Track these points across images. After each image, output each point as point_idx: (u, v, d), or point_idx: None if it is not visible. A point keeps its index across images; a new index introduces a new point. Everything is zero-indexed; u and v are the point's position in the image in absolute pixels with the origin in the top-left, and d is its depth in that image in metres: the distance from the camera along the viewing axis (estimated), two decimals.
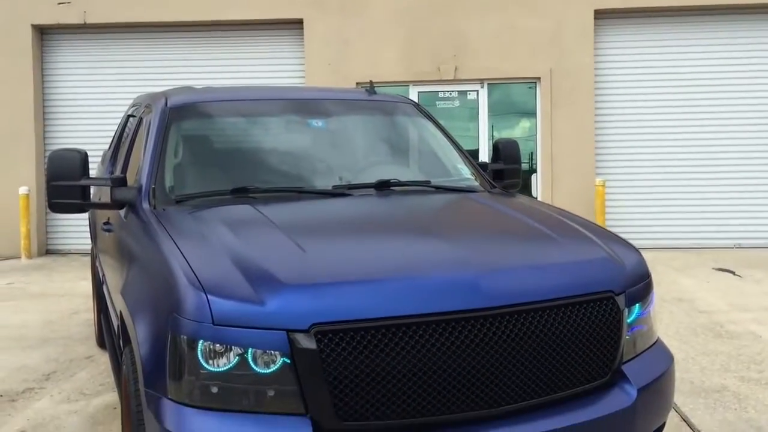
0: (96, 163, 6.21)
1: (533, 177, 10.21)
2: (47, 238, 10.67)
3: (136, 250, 2.92)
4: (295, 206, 3.17)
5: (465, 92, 10.31)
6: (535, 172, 10.25)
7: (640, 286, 2.64)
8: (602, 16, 10.08)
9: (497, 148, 4.11)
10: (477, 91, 10.28)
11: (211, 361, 2.09)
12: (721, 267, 8.53)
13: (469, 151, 4.28)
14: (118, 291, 2.93)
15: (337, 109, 4.02)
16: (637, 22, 10.19)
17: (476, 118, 10.30)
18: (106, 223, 4.02)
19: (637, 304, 2.62)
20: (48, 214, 10.59)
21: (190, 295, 2.15)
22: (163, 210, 3.07)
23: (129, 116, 4.87)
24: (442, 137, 4.13)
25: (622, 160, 10.23)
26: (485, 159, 9.61)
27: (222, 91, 4.23)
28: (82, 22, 10.30)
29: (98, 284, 4.90)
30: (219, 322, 2.09)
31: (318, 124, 3.92)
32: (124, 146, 4.40)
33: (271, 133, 3.92)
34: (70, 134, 10.59)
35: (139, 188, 3.25)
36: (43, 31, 10.62)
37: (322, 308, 2.11)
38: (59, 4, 10.29)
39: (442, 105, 10.28)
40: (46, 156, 7.95)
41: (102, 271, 4.43)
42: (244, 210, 2.96)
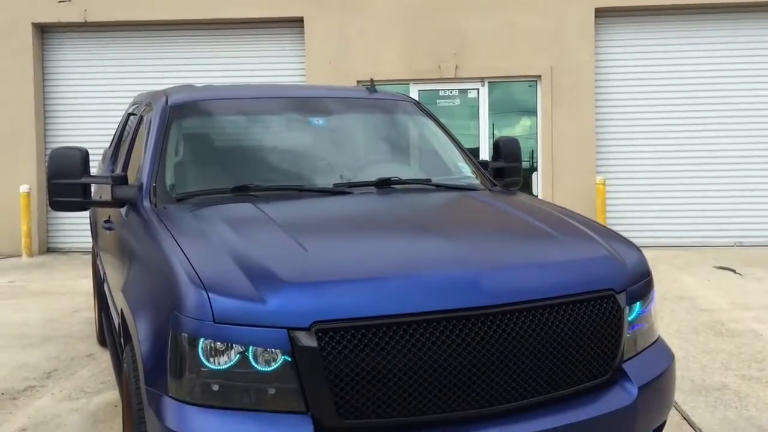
0: (97, 161, 6.21)
1: (534, 175, 10.21)
2: (48, 237, 10.68)
3: (137, 248, 2.92)
4: (296, 204, 3.17)
5: (465, 90, 10.30)
6: (535, 170, 10.24)
7: (640, 284, 2.64)
8: (603, 14, 10.08)
9: (498, 146, 4.11)
10: (477, 90, 10.27)
11: (212, 359, 2.09)
12: (722, 265, 8.52)
13: (469, 150, 4.28)
14: (119, 289, 2.93)
15: (338, 107, 4.02)
16: (638, 20, 10.18)
17: (477, 117, 10.29)
18: (106, 222, 4.02)
19: (638, 303, 2.61)
20: (49, 213, 10.60)
21: (191, 293, 2.15)
22: (164, 208, 3.06)
23: (130, 114, 4.87)
24: (442, 135, 4.12)
25: (622, 159, 10.22)
26: (486, 157, 9.62)
27: (223, 90, 4.22)
28: (83, 20, 10.30)
29: (99, 282, 4.90)
30: (220, 320, 2.09)
31: (319, 122, 3.91)
32: (125, 144, 4.40)
33: (272, 131, 3.92)
34: (70, 132, 10.60)
35: (140, 186, 3.25)
36: (44, 30, 10.62)
37: (323, 306, 2.11)
38: (60, 2, 10.29)
39: (442, 103, 10.27)
40: (47, 154, 7.96)
41: (103, 269, 4.44)
42: (245, 208, 2.96)
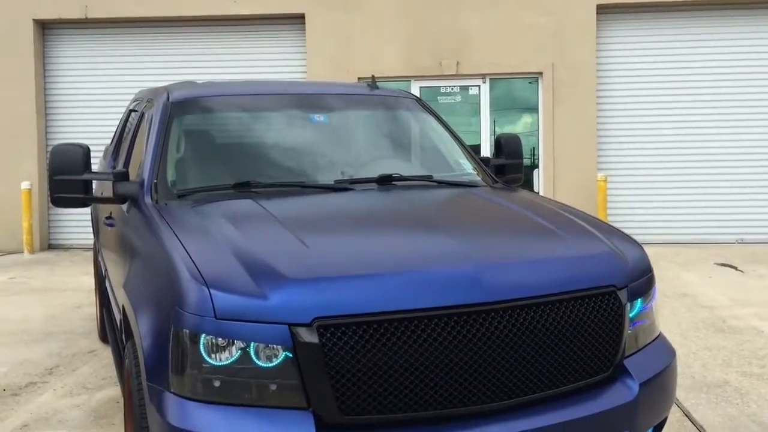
0: (98, 157, 6.21)
1: (535, 172, 10.21)
2: (49, 233, 10.69)
3: (139, 245, 2.92)
4: (297, 201, 3.17)
5: (467, 87, 10.30)
6: (537, 167, 10.24)
7: (642, 281, 2.64)
8: (604, 11, 10.06)
9: (499, 142, 4.11)
10: (479, 86, 10.26)
11: (213, 355, 2.10)
12: (723, 262, 8.52)
13: (470, 147, 4.27)
14: (121, 285, 2.93)
15: (339, 103, 4.02)
16: (639, 17, 10.17)
17: (478, 114, 10.28)
18: (108, 218, 4.03)
19: (639, 299, 2.61)
20: (50, 209, 10.61)
21: (193, 289, 2.15)
22: (165, 204, 3.07)
23: (131, 111, 4.87)
24: (444, 132, 4.12)
25: (624, 155, 10.22)
26: (487, 154, 9.62)
27: (224, 86, 4.22)
28: (84, 16, 10.30)
29: (100, 279, 4.91)
30: (221, 316, 2.09)
31: (320, 118, 3.91)
32: (126, 141, 4.40)
33: (273, 127, 3.91)
34: (71, 129, 10.60)
35: (141, 183, 3.25)
36: (45, 26, 10.62)
37: (325, 302, 2.11)
38: None
39: (443, 100, 10.27)
40: (48, 151, 7.96)
41: (104, 265, 4.44)
42: (246, 204, 2.96)
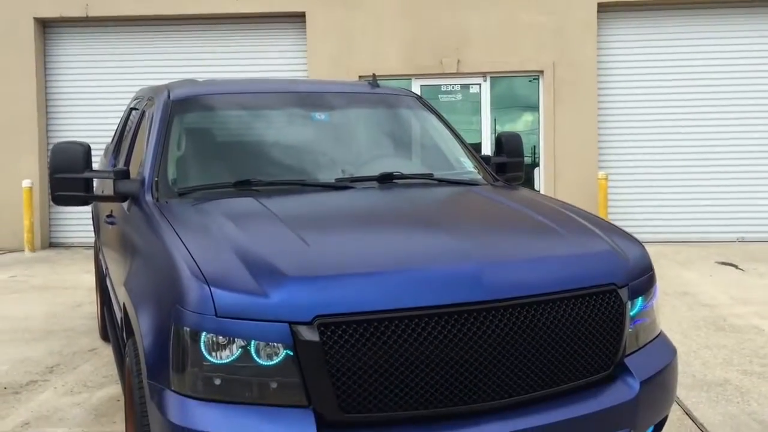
0: (99, 156, 6.21)
1: (536, 170, 10.21)
2: (50, 231, 10.69)
3: (139, 243, 2.92)
4: (298, 199, 3.17)
5: (467, 86, 10.29)
6: (537, 165, 10.24)
7: (643, 279, 2.64)
8: (605, 9, 10.05)
9: (500, 141, 4.11)
10: (479, 85, 10.25)
11: (214, 353, 2.10)
12: (724, 261, 8.52)
13: (471, 145, 4.27)
14: (122, 283, 2.93)
15: (340, 102, 4.02)
16: (640, 16, 10.16)
17: (479, 112, 10.27)
18: (109, 216, 4.03)
19: (640, 297, 2.61)
20: (51, 207, 10.62)
21: (194, 287, 2.15)
22: (166, 202, 3.07)
23: (132, 109, 4.86)
24: (445, 130, 4.12)
25: (624, 154, 10.21)
26: (488, 152, 9.61)
27: (224, 84, 4.22)
28: (85, 15, 10.30)
29: (101, 277, 4.91)
30: (222, 314, 2.09)
31: (321, 116, 3.91)
32: (127, 139, 4.40)
33: (274, 125, 3.91)
34: (72, 127, 10.60)
35: (142, 181, 3.25)
36: (46, 24, 10.62)
37: (325, 301, 2.11)
38: None
39: (444, 98, 10.26)
40: (49, 149, 7.96)
41: (105, 263, 4.44)
42: (247, 203, 2.96)
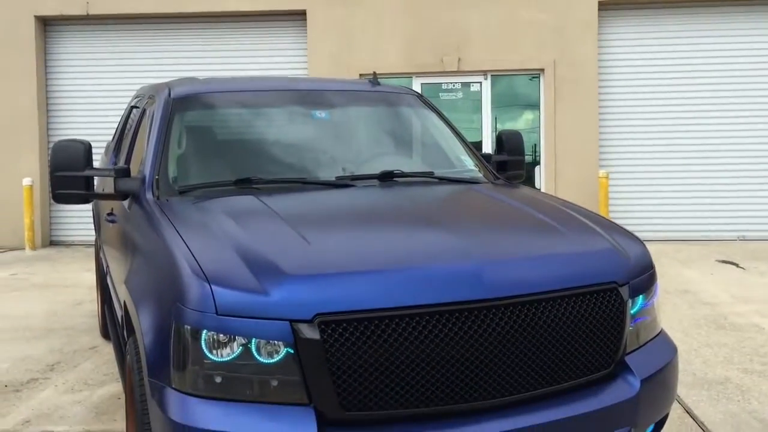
0: (99, 154, 6.21)
1: (537, 168, 10.20)
2: (51, 229, 10.69)
3: (140, 241, 2.92)
4: (299, 197, 3.17)
5: (468, 84, 10.28)
6: (538, 163, 10.23)
7: (643, 278, 2.64)
8: (606, 7, 10.04)
9: (501, 139, 4.10)
10: (480, 83, 10.24)
11: (214, 351, 2.10)
12: (725, 259, 8.52)
13: (472, 143, 4.27)
14: (122, 281, 2.93)
15: (341, 100, 4.01)
16: (641, 14, 10.14)
17: (479, 110, 10.27)
18: (109, 214, 4.03)
19: (641, 296, 2.61)
20: (52, 206, 10.62)
21: (194, 285, 2.15)
22: (167, 201, 3.07)
23: (132, 107, 4.87)
24: (445, 128, 4.11)
25: (625, 152, 10.20)
26: (489, 150, 9.61)
27: (225, 82, 4.22)
28: (85, 13, 10.29)
29: (102, 275, 4.91)
30: (223, 312, 2.09)
31: (321, 114, 3.91)
32: (128, 137, 4.40)
33: (275, 123, 3.91)
34: (73, 125, 10.60)
35: (143, 179, 3.25)
36: (46, 22, 10.61)
37: (326, 299, 2.11)
38: None
39: (445, 97, 10.25)
40: (50, 147, 7.96)
41: (106, 261, 4.44)
42: (248, 201, 2.96)
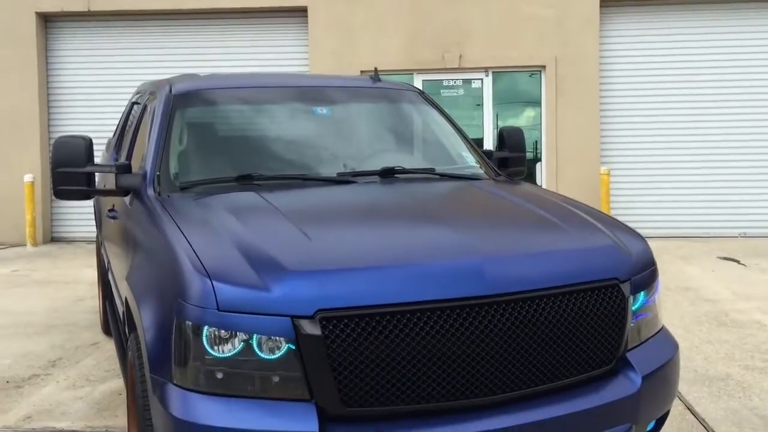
0: (101, 150, 6.21)
1: (538, 165, 10.20)
2: (52, 226, 10.70)
3: (141, 237, 2.92)
4: (300, 193, 3.17)
5: (469, 81, 10.27)
6: (539, 160, 10.23)
7: (645, 274, 2.64)
8: (607, 4, 10.02)
9: (502, 135, 4.11)
10: (481, 80, 10.24)
11: (216, 347, 2.10)
12: (726, 256, 8.51)
13: (473, 140, 4.27)
14: (124, 278, 2.93)
15: (342, 96, 4.01)
16: (643, 10, 10.13)
17: (481, 107, 10.26)
18: (111, 210, 4.03)
19: (642, 292, 2.61)
20: (53, 202, 10.63)
21: (195, 281, 2.16)
22: (168, 197, 3.07)
23: (133, 103, 4.86)
24: (446, 125, 4.11)
25: (626, 149, 10.20)
26: (490, 147, 9.60)
27: (226, 78, 4.22)
28: (87, 9, 10.29)
29: (103, 271, 4.92)
30: (224, 308, 2.09)
31: (323, 111, 3.90)
32: (129, 133, 4.40)
33: (276, 120, 3.91)
34: (74, 121, 10.60)
35: (144, 175, 3.25)
36: (47, 19, 10.61)
37: (327, 295, 2.11)
38: None
39: (446, 93, 10.24)
40: (51, 143, 7.97)
41: (107, 258, 4.45)
42: (249, 197, 2.96)
